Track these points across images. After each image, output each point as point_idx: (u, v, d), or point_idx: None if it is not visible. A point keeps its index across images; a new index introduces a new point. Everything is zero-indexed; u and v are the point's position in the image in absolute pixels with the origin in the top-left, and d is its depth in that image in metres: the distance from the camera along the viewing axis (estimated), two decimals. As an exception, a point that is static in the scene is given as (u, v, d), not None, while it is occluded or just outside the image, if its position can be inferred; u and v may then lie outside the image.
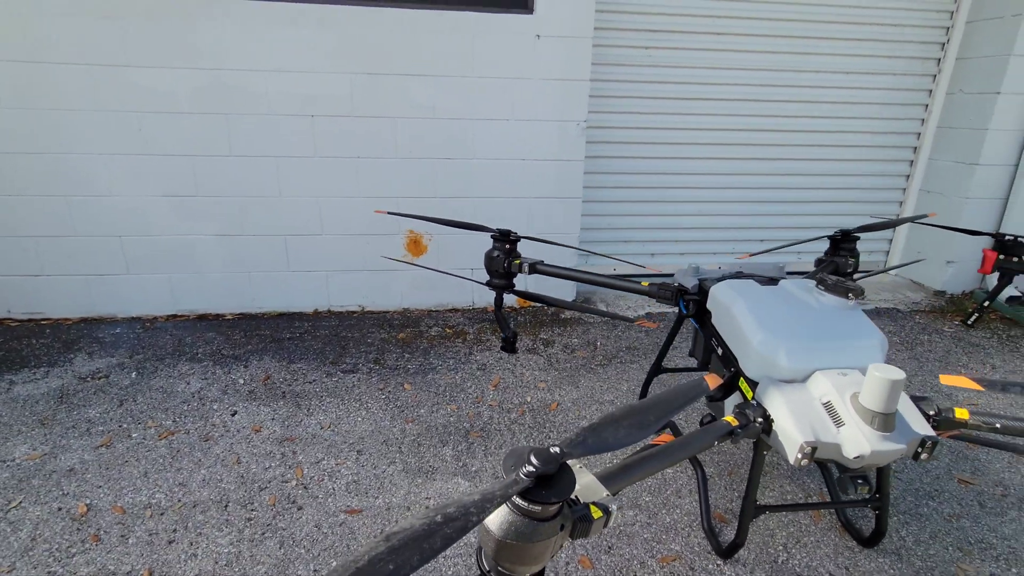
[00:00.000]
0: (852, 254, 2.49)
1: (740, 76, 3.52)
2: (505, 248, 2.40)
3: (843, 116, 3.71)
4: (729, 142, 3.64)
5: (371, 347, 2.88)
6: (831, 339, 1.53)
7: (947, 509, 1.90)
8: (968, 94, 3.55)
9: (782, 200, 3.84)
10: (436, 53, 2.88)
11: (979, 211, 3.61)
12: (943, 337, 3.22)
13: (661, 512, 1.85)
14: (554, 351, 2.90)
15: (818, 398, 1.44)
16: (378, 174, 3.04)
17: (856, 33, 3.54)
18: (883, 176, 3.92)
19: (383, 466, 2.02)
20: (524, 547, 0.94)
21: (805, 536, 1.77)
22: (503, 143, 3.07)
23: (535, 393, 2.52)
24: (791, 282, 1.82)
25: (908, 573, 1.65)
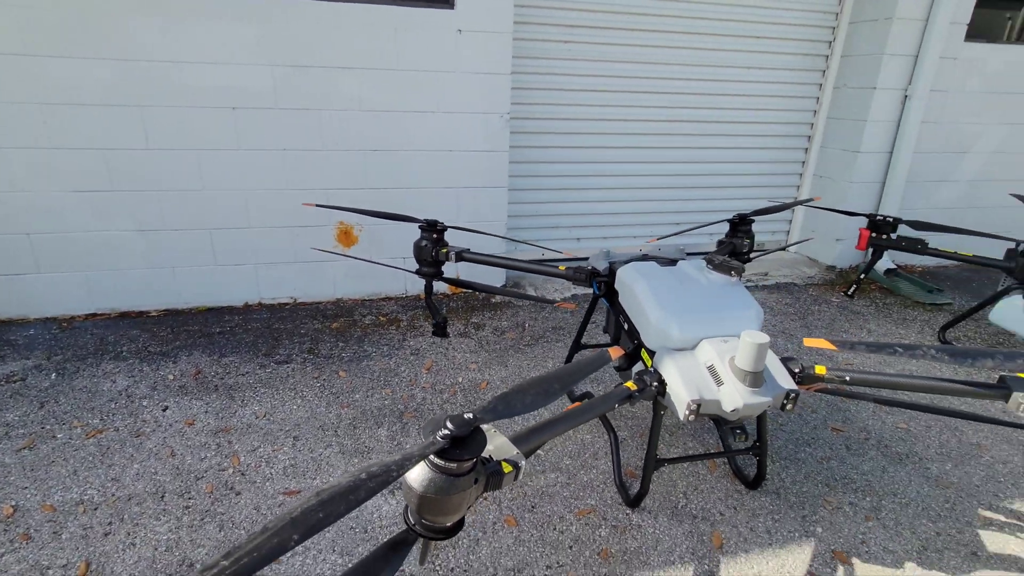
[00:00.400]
0: (748, 235, 2.77)
1: (652, 70, 3.76)
2: (432, 237, 2.51)
3: (745, 108, 4.04)
4: (643, 132, 3.89)
5: (305, 338, 2.92)
6: (715, 311, 1.75)
7: (820, 453, 2.21)
8: (851, 88, 3.96)
9: (692, 186, 4.15)
10: (361, 47, 2.92)
11: (862, 193, 4.06)
12: (830, 307, 3.63)
13: (579, 473, 2.05)
14: (484, 334, 3.05)
15: (703, 363, 1.66)
16: (306, 166, 3.06)
17: (755, 31, 3.85)
18: (782, 163, 4.31)
19: (320, 449, 2.11)
20: (443, 499, 1.09)
21: (702, 484, 2.02)
22: (430, 135, 3.16)
23: (466, 374, 2.67)
24: (687, 263, 2.05)
25: (784, 507, 1.93)
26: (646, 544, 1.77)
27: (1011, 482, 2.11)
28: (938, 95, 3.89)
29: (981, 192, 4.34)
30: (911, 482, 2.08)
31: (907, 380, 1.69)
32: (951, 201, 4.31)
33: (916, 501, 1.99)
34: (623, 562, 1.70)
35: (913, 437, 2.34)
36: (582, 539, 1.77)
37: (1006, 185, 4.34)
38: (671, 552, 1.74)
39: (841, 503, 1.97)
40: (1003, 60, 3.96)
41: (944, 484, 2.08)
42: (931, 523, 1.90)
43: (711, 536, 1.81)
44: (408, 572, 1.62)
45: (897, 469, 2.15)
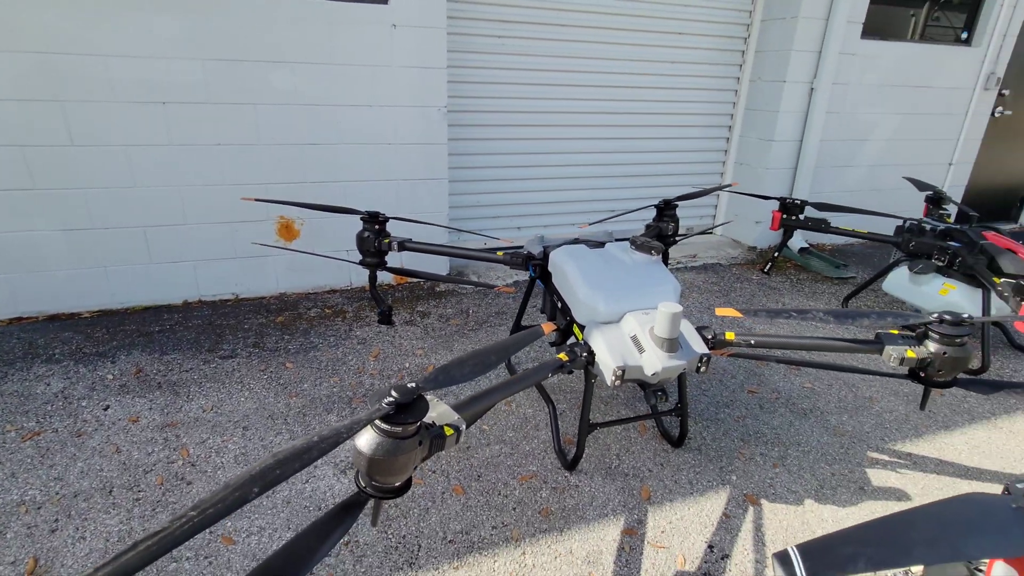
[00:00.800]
0: (673, 219, 3.00)
1: (582, 64, 3.93)
2: (375, 228, 2.59)
3: (671, 100, 4.29)
4: (576, 123, 4.07)
5: (249, 332, 2.93)
6: (637, 287, 1.94)
7: (737, 413, 2.46)
8: (765, 82, 4.28)
9: (624, 175, 4.37)
10: (295, 40, 2.93)
11: (777, 179, 4.41)
12: (751, 284, 3.95)
13: (522, 443, 2.20)
14: (430, 321, 3.16)
15: (627, 333, 1.84)
16: (242, 161, 3.04)
17: (678, 28, 4.10)
18: (706, 151, 4.60)
19: (270, 437, 2.16)
20: (390, 460, 1.20)
21: (633, 446, 2.22)
22: (369, 128, 3.21)
23: (413, 359, 2.77)
24: (613, 245, 2.23)
25: (704, 461, 2.16)
26: (583, 501, 1.94)
27: (895, 428, 2.42)
28: (840, 87, 4.27)
29: (880, 175, 4.80)
30: (813, 433, 2.36)
31: (801, 340, 1.94)
32: (855, 184, 4.74)
33: (816, 449, 2.27)
34: (562, 518, 1.86)
35: (816, 395, 2.63)
36: (525, 501, 1.93)
37: (900, 169, 4.81)
38: (605, 506, 1.92)
39: (753, 454, 2.21)
40: (894, 56, 4.39)
41: (840, 433, 2.37)
42: (828, 466, 2.17)
43: (640, 490, 2.00)
44: (362, 542, 1.72)
45: (802, 423, 2.42)
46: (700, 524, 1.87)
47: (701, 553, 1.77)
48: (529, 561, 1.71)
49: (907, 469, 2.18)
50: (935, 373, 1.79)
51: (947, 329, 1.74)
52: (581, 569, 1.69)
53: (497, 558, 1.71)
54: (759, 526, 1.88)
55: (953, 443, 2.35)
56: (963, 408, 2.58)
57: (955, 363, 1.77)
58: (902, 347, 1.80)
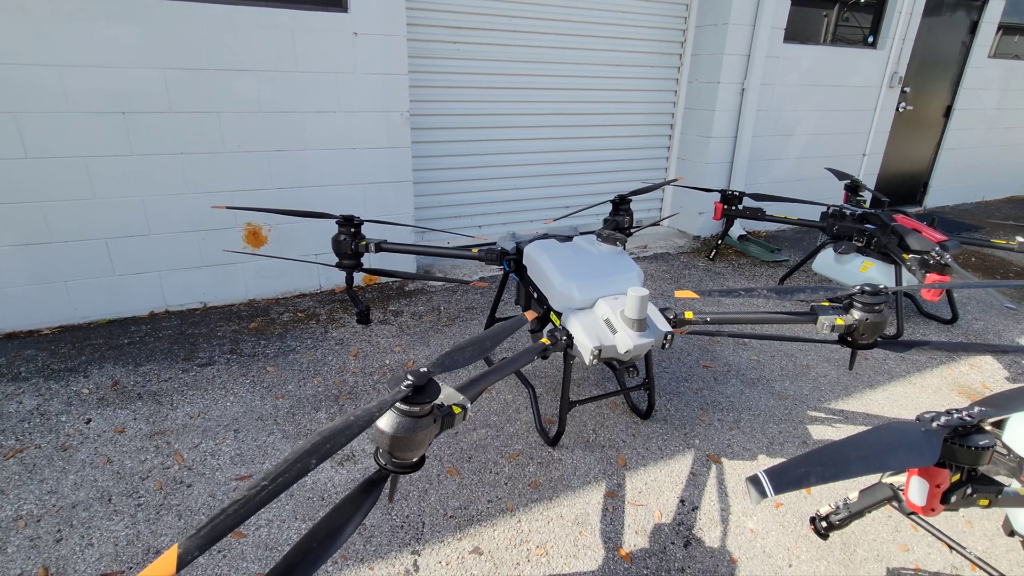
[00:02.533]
0: (628, 212, 3.25)
1: (535, 68, 4.13)
2: (351, 231, 2.69)
3: (617, 101, 4.56)
4: (531, 125, 4.27)
5: (224, 339, 2.94)
6: (607, 275, 2.14)
7: (695, 386, 2.73)
8: (701, 83, 4.63)
9: (577, 172, 4.62)
10: (258, 49, 2.96)
11: (716, 172, 4.77)
12: (698, 270, 4.27)
13: (506, 426, 2.37)
14: (404, 319, 3.27)
15: (600, 317, 2.04)
16: (208, 169, 3.05)
17: (621, 33, 4.36)
18: (651, 148, 4.91)
19: (263, 437, 2.23)
20: (410, 438, 1.34)
21: (607, 421, 2.43)
22: (334, 134, 3.28)
23: (393, 356, 2.88)
24: (581, 238, 2.43)
25: (671, 430, 2.40)
26: (567, 472, 2.13)
27: (829, 390, 2.76)
28: (767, 88, 4.67)
29: (804, 167, 5.27)
30: (761, 399, 2.65)
31: (749, 315, 2.20)
32: (783, 175, 5.19)
33: (765, 412, 2.56)
34: (550, 488, 2.05)
35: (762, 366, 2.94)
36: (515, 476, 2.10)
37: (822, 160, 5.30)
38: (587, 475, 2.12)
39: (712, 420, 2.48)
40: (811, 58, 4.83)
41: (784, 397, 2.67)
42: (775, 425, 2.47)
43: (617, 459, 2.21)
44: (369, 524, 1.84)
45: (751, 391, 2.71)
46: (671, 483, 2.10)
47: (674, 507, 2.00)
48: (525, 527, 1.88)
49: (840, 423, 2.51)
50: (860, 337, 2.09)
51: (867, 299, 2.05)
52: (572, 530, 1.88)
53: (496, 527, 1.87)
54: (721, 480, 2.13)
55: (876, 399, 2.70)
56: (883, 369, 2.96)
57: (875, 327, 2.07)
58: (832, 316, 2.10)
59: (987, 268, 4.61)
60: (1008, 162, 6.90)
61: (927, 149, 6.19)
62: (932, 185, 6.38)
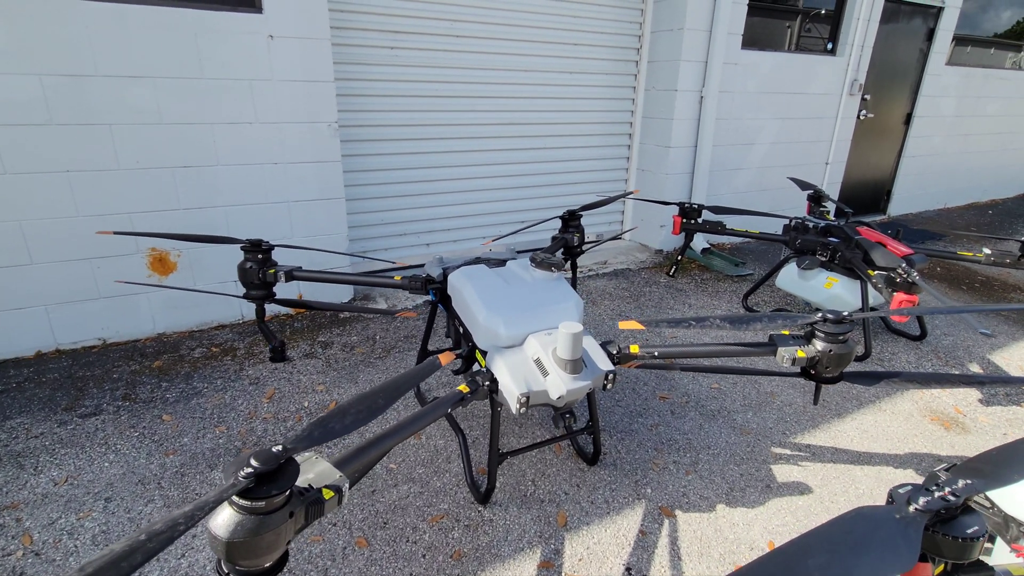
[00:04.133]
0: (578, 229, 2.99)
1: (480, 75, 3.87)
2: (257, 258, 2.37)
3: (571, 110, 4.33)
4: (478, 136, 4.00)
5: (118, 383, 2.58)
6: (539, 307, 1.87)
7: (650, 421, 2.47)
8: (658, 91, 4.43)
9: (530, 185, 4.36)
10: (155, 53, 2.63)
11: (676, 184, 4.57)
12: (659, 287, 4.04)
13: (432, 479, 2.06)
14: (333, 352, 2.94)
15: (530, 356, 1.76)
16: (100, 189, 2.69)
17: (573, 39, 4.14)
18: (608, 159, 4.69)
19: (139, 507, 1.88)
20: (254, 541, 1.03)
21: (549, 468, 2.15)
22: (250, 147, 2.95)
23: (313, 396, 2.55)
24: (514, 263, 2.15)
25: (620, 476, 2.12)
26: (497, 537, 1.83)
27: (795, 421, 2.52)
28: (726, 95, 4.50)
29: (766, 177, 5.12)
30: (721, 434, 2.40)
31: (701, 348, 1.95)
32: (745, 186, 5.02)
33: (725, 450, 2.30)
34: (475, 560, 1.75)
35: (723, 394, 2.70)
36: (435, 545, 1.79)
37: (784, 170, 5.16)
38: (520, 540, 1.83)
39: (667, 463, 2.21)
40: (771, 65, 4.69)
41: (746, 431, 2.43)
42: (736, 467, 2.21)
43: (557, 517, 1.93)
44: (248, 621, 1.51)
45: (711, 424, 2.46)
46: (617, 546, 1.82)
47: (619, 578, 1.72)
48: (440, 614, 1.58)
49: (807, 461, 2.27)
50: (823, 370, 1.86)
51: (830, 328, 1.81)
52: (497, 615, 1.58)
53: (405, 617, 1.56)
54: (674, 540, 1.86)
55: (845, 430, 2.48)
56: (852, 395, 2.74)
57: (840, 359, 1.84)
58: (792, 348, 1.86)
59: (952, 278, 4.49)
60: (967, 168, 6.91)
61: (889, 157, 6.13)
62: (895, 193, 6.32)
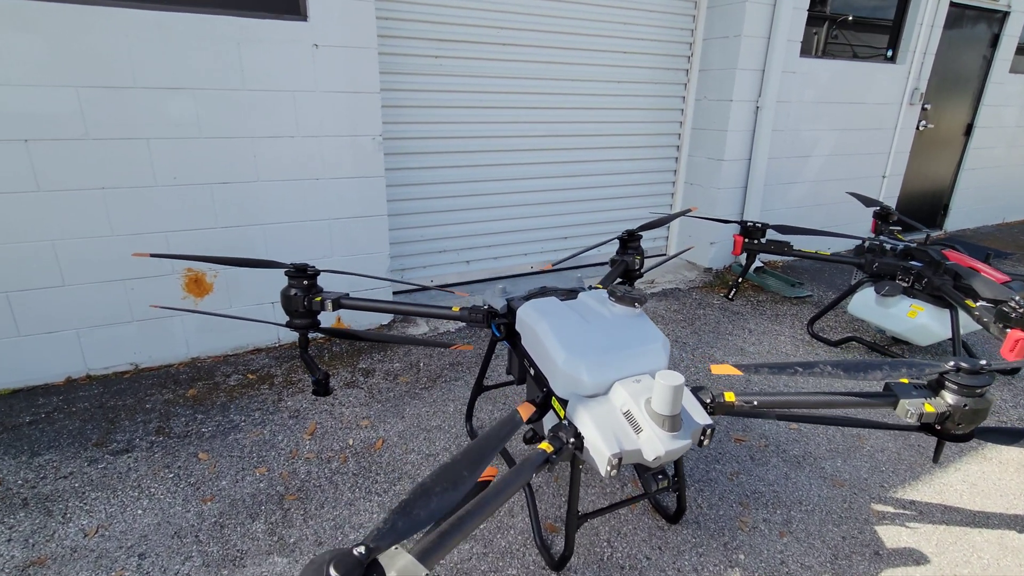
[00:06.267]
0: (638, 251, 2.76)
1: (526, 85, 3.68)
2: (303, 284, 2.19)
3: (618, 121, 4.12)
4: (523, 148, 3.81)
5: (151, 414, 2.41)
6: (624, 349, 1.64)
7: (729, 468, 2.22)
8: (711, 101, 4.19)
9: (575, 200, 4.15)
10: (196, 63, 2.48)
11: (728, 198, 4.31)
12: (713, 309, 3.79)
13: (496, 537, 1.85)
14: (375, 380, 2.75)
15: (619, 408, 1.54)
16: (136, 207, 2.54)
17: (623, 46, 3.93)
18: (656, 172, 4.46)
19: (176, 566, 1.70)
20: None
21: (624, 526, 1.91)
22: (292, 162, 2.79)
23: (358, 433, 2.35)
24: (588, 295, 1.93)
25: (706, 538, 1.88)
26: (577, 613, 1.61)
27: (891, 470, 2.26)
28: (783, 105, 4.24)
29: (822, 191, 4.83)
30: (811, 486, 2.15)
31: (807, 398, 1.71)
32: (799, 200, 4.74)
33: (820, 506, 2.05)
34: (555, 642, 1.52)
35: (805, 437, 2.44)
36: (507, 622, 1.57)
37: (841, 184, 4.88)
38: (604, 617, 1.60)
39: (756, 522, 1.96)
40: (829, 73, 4.42)
41: (839, 483, 2.17)
42: (836, 527, 1.96)
43: (641, 587, 1.69)
44: None
45: (798, 474, 2.21)
46: (716, 627, 1.59)
47: (724, 670, 1.48)
48: None
49: (915, 522, 2.00)
50: (954, 427, 1.61)
51: (966, 379, 1.57)
52: None
53: None
54: (781, 621, 1.61)
55: (950, 483, 2.20)
56: (950, 439, 2.46)
57: (975, 415, 1.59)
58: (918, 400, 1.61)
59: (1030, 302, 4.15)
60: (1028, 182, 6.53)
61: (947, 169, 5.79)
62: (952, 207, 5.97)
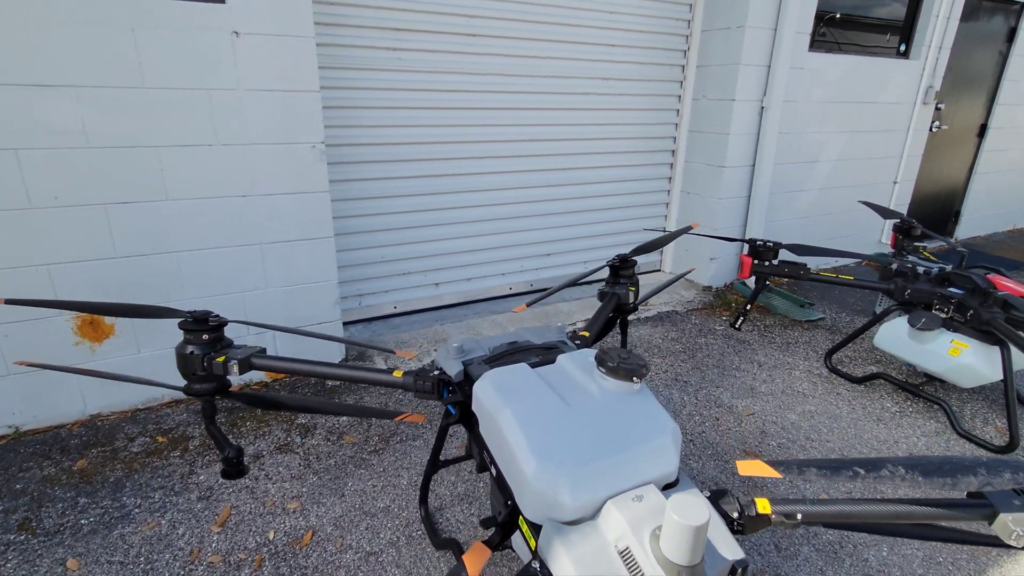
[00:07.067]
0: (632, 281, 2.30)
1: (501, 82, 3.20)
2: (203, 339, 1.68)
3: (606, 123, 3.66)
4: (498, 155, 3.33)
5: (19, 499, 1.90)
6: (620, 451, 1.17)
7: (753, 565, 1.76)
8: (710, 100, 3.74)
9: (560, 211, 3.68)
10: (77, 53, 1.98)
11: (730, 209, 3.87)
12: (716, 337, 3.34)
13: None
14: (315, 441, 2.25)
15: (613, 543, 1.07)
16: (6, 233, 2.03)
17: (609, 39, 3.47)
18: (649, 180, 4.00)
19: None
20: None
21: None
22: (210, 176, 2.29)
23: (283, 521, 1.86)
24: (570, 359, 1.45)
25: None
26: None
27: (949, 560, 1.81)
28: (789, 106, 3.81)
29: (829, 199, 4.41)
30: (856, 589, 1.70)
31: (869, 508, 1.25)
32: (805, 210, 4.32)
33: (870, 622, 1.60)
34: None
35: (839, 513, 1.98)
36: None
37: (849, 191, 4.46)
38: None
39: (791, 649, 1.51)
40: (840, 69, 4.00)
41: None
42: (895, 657, 1.50)
43: None
44: None
45: (837, 571, 1.75)
46: None
47: None
48: None
49: (993, 642, 1.56)
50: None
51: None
52: None
53: None
54: None
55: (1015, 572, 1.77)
56: (1012, 512, 2.03)
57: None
58: (1028, 515, 1.16)
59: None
60: (1039, 185, 6.17)
61: (959, 173, 5.41)
62: (964, 214, 5.59)
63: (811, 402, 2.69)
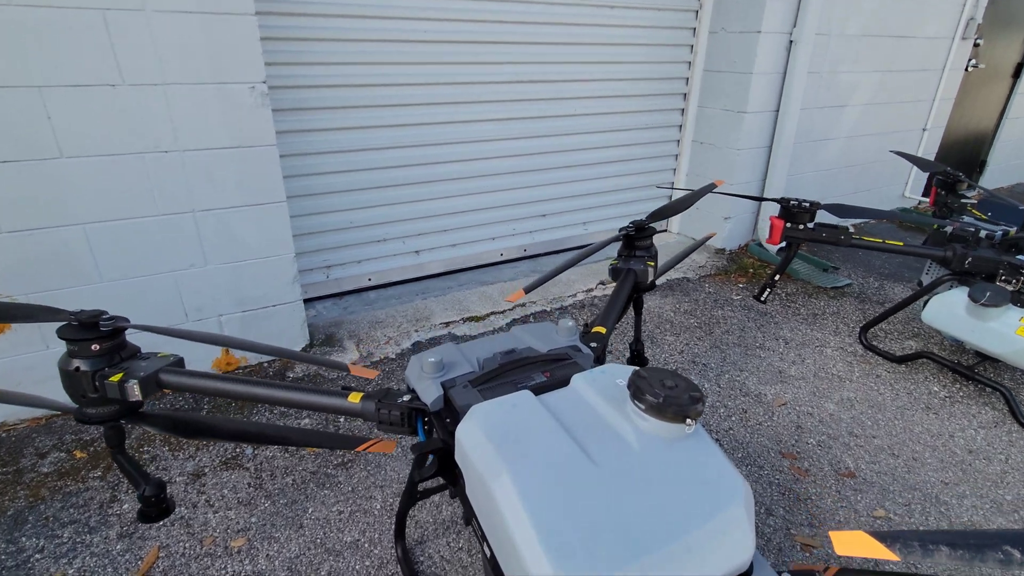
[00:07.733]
0: (650, 254, 1.89)
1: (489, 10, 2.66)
2: (91, 350, 1.26)
3: (608, 61, 3.14)
4: (487, 99, 2.83)
5: None
6: (674, 536, 0.79)
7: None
8: (730, 33, 3.22)
9: (557, 166, 3.21)
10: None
11: (750, 161, 3.42)
12: (735, 309, 2.96)
13: None
14: (269, 453, 1.87)
15: None
16: None
17: (616, -44, 2.91)
18: (657, 128, 3.52)
19: None
20: None
21: None
22: (117, 126, 1.79)
23: (223, 565, 1.49)
24: (589, 381, 1.05)
25: None
26: None
27: (1037, 593, 1.50)
28: (821, 39, 3.30)
29: (854, 148, 3.97)
30: (934, 640, 1.38)
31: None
32: (829, 161, 3.88)
33: None
34: None
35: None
36: None
37: (874, 139, 4.01)
38: None
39: None
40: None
41: (973, 630, 1.41)
42: None
43: None
44: None
45: (907, 613, 1.44)
46: None
47: None
48: None
49: None
50: None
51: None
52: None
53: None
54: None
55: None
56: (1099, 525, 1.72)
57: None
58: None
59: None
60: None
61: (990, 118, 4.96)
62: (990, 162, 5.18)
63: (849, 387, 2.35)
